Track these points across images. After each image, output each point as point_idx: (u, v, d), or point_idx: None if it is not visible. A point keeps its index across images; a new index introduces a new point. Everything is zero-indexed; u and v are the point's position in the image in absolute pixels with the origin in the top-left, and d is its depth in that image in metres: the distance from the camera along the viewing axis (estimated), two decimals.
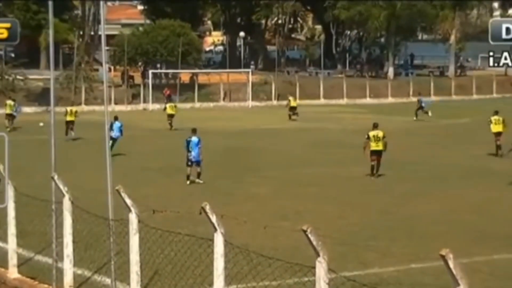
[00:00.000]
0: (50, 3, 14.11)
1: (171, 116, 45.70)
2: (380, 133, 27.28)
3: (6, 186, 13.44)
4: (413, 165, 29.10)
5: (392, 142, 26.18)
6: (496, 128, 31.72)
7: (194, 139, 26.37)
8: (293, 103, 51.57)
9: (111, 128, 31.97)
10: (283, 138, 40.52)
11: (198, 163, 26.22)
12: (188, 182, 25.85)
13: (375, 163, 26.96)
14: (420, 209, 21.66)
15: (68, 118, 40.36)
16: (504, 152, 30.63)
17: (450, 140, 35.87)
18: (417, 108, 49.86)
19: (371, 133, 27.28)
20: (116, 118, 33.89)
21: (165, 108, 48.14)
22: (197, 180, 25.99)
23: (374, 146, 26.94)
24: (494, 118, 32.08)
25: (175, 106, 47.46)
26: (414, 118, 49.15)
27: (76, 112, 41.44)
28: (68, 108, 41.06)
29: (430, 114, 48.23)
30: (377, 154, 26.95)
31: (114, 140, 31.75)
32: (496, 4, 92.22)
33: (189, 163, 26.15)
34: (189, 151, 26.16)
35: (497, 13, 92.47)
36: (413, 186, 25.49)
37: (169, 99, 59.37)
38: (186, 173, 26.04)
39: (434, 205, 22.17)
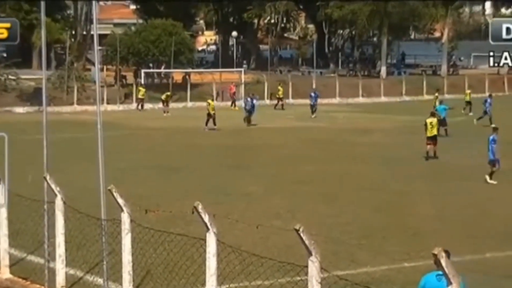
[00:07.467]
0: (42, 3, 14.10)
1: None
2: (434, 121, 30.17)
3: (5, 187, 13.44)
4: (407, 163, 29.12)
5: (386, 140, 26.35)
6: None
7: (490, 137, 25.66)
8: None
9: None
10: (275, 136, 40.49)
11: (490, 161, 25.51)
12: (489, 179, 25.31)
13: (431, 147, 29.62)
14: (413, 207, 21.67)
15: (210, 111, 43.22)
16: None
17: (444, 138, 35.92)
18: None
19: (428, 120, 30.04)
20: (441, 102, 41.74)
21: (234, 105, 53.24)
22: (488, 181, 25.28)
23: (429, 132, 29.64)
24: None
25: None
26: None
27: (211, 103, 44.27)
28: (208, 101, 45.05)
29: None
30: (432, 139, 29.61)
31: None
32: (488, 4, 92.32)
33: (489, 162, 25.58)
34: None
35: (489, 11, 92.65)
36: (406, 183, 25.51)
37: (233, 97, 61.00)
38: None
39: (427, 203, 22.17)
